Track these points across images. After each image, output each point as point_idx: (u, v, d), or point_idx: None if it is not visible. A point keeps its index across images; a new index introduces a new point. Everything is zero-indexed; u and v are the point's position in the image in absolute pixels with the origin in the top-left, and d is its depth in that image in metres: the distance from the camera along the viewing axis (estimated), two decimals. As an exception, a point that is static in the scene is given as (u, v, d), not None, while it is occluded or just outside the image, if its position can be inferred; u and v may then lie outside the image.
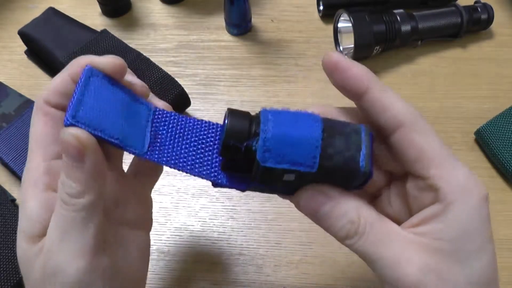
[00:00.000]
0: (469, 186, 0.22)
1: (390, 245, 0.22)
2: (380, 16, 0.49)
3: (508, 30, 0.55)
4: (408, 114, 0.23)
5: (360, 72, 0.24)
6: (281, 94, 0.50)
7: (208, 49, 0.53)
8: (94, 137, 0.22)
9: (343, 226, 0.23)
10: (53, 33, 0.49)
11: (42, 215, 0.23)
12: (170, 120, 0.26)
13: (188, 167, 0.25)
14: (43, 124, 0.25)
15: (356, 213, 0.23)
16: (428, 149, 0.22)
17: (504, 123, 0.45)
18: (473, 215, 0.22)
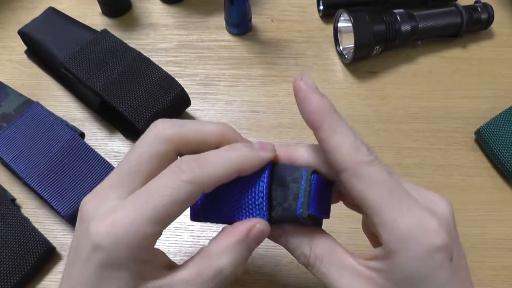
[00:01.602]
0: (414, 235, 0.22)
1: (340, 277, 0.25)
2: (380, 16, 0.49)
3: (508, 30, 0.55)
4: (351, 159, 0.23)
5: (314, 107, 0.25)
6: (281, 94, 0.50)
7: (208, 49, 0.53)
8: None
9: (298, 256, 0.26)
10: (53, 33, 0.49)
11: (142, 271, 0.24)
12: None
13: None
14: (184, 208, 0.24)
15: (308, 247, 0.26)
16: (368, 198, 0.23)
17: (504, 123, 0.45)
18: (418, 265, 0.22)
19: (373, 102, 0.49)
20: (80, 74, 0.45)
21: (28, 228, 0.39)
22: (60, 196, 0.40)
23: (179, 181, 0.23)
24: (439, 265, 0.22)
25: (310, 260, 0.26)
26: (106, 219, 0.23)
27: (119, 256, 0.22)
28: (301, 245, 0.26)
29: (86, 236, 0.23)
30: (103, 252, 0.22)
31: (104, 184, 0.25)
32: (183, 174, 0.23)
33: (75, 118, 0.48)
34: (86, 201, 0.24)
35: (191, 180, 0.23)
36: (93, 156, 0.42)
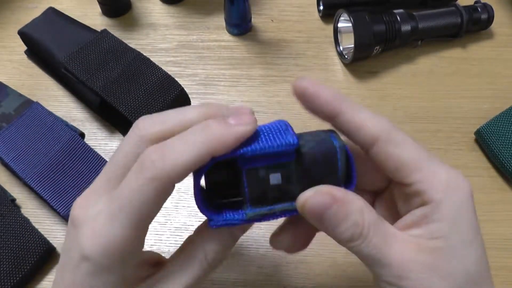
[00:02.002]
0: (453, 183, 0.24)
1: (392, 247, 0.23)
2: (380, 16, 0.49)
3: (508, 30, 0.55)
4: (381, 129, 0.24)
5: (329, 97, 0.25)
6: (281, 94, 0.50)
7: (208, 49, 0.53)
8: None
9: (347, 228, 0.23)
10: (53, 33, 0.49)
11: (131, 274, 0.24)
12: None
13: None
14: (157, 204, 0.23)
15: (360, 215, 0.23)
16: (406, 158, 0.23)
17: (504, 123, 0.45)
18: (461, 210, 0.24)
19: (373, 102, 0.49)
20: (80, 74, 0.45)
21: (28, 228, 0.39)
22: (60, 196, 0.40)
23: (143, 180, 0.22)
24: (473, 212, 0.24)
25: (363, 230, 0.23)
26: (92, 228, 0.23)
27: (105, 264, 0.23)
28: (353, 213, 0.23)
29: (75, 243, 0.23)
30: (90, 262, 0.23)
31: (93, 187, 0.25)
32: (146, 171, 0.22)
33: (75, 118, 0.48)
34: (76, 205, 0.25)
35: (154, 176, 0.21)
36: (93, 156, 0.42)
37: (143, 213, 0.22)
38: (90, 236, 0.23)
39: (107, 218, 0.23)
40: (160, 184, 0.22)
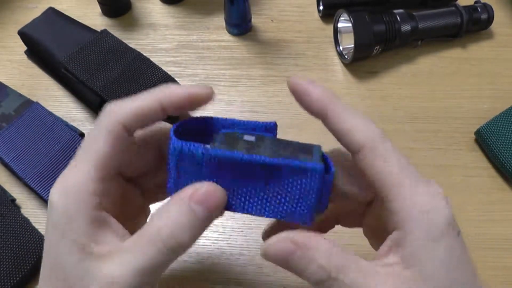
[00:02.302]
0: (430, 206, 0.22)
1: (365, 284, 0.22)
2: (380, 16, 0.49)
3: (508, 30, 0.55)
4: (367, 136, 0.23)
5: (319, 95, 0.25)
6: (281, 94, 0.50)
7: (208, 49, 0.53)
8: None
9: (313, 273, 0.22)
10: (53, 33, 0.49)
11: (90, 229, 0.23)
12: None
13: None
14: (110, 146, 0.24)
15: (326, 259, 0.22)
16: (386, 172, 0.23)
17: (504, 123, 0.45)
18: (437, 235, 0.22)
19: (373, 102, 0.49)
20: (80, 74, 0.45)
21: (28, 228, 0.39)
22: (60, 196, 0.40)
23: (98, 125, 0.24)
24: (453, 232, 0.22)
25: (331, 273, 0.22)
26: (59, 180, 0.24)
27: (69, 209, 0.23)
28: (318, 258, 0.22)
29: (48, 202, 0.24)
30: (55, 207, 0.23)
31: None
32: (101, 118, 0.25)
33: (75, 118, 0.48)
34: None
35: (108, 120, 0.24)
36: (93, 156, 0.42)
37: (107, 154, 0.24)
38: (57, 185, 0.24)
39: (76, 167, 0.24)
40: (116, 125, 0.24)
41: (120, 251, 0.23)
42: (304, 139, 0.28)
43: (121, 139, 0.24)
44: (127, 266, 0.22)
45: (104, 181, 0.24)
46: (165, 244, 0.22)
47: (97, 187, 0.24)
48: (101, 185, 0.24)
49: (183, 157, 0.23)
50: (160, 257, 0.22)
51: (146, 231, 0.23)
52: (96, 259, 0.23)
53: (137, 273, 0.22)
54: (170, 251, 0.22)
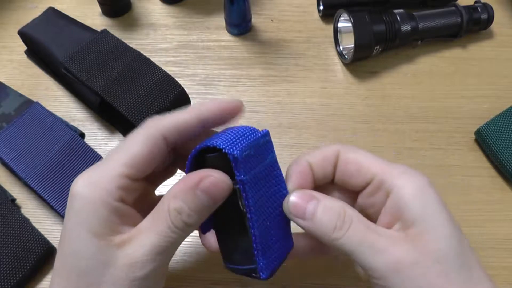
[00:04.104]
0: (409, 172, 0.26)
1: (375, 234, 0.25)
2: (380, 16, 0.49)
3: (508, 30, 0.55)
4: (340, 145, 0.29)
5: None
6: (281, 94, 0.50)
7: (208, 49, 0.53)
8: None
9: (330, 219, 0.25)
10: (53, 33, 0.49)
11: (111, 219, 0.25)
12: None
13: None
14: (146, 151, 0.26)
15: (342, 208, 0.25)
16: (364, 159, 0.27)
17: (504, 123, 0.45)
18: (424, 190, 0.25)
19: (373, 102, 0.49)
20: (80, 74, 0.45)
21: (28, 228, 0.39)
22: (60, 196, 0.40)
23: (146, 130, 0.27)
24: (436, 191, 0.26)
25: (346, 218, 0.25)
26: (85, 174, 0.26)
27: (94, 198, 0.25)
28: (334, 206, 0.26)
29: (69, 195, 0.26)
30: (80, 197, 0.25)
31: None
32: (144, 126, 0.27)
33: (75, 118, 0.48)
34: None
35: (152, 125, 0.27)
36: (93, 156, 0.42)
37: (134, 156, 0.26)
38: (82, 177, 0.26)
39: (99, 162, 0.27)
40: (155, 132, 0.26)
41: (137, 234, 0.25)
42: (304, 138, 0.28)
43: (158, 146, 0.27)
44: (145, 246, 0.25)
45: (131, 180, 0.26)
46: (174, 223, 0.25)
47: (124, 183, 0.26)
48: (127, 182, 0.26)
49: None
50: (172, 235, 0.25)
51: (158, 211, 0.25)
52: (115, 248, 0.25)
53: (154, 251, 0.24)
54: (179, 230, 0.25)
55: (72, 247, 0.25)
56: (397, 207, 0.25)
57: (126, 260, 0.24)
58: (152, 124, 0.27)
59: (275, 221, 0.27)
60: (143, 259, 0.24)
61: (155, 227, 0.25)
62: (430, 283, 0.23)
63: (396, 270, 0.23)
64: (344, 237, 0.24)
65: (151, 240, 0.25)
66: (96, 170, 0.26)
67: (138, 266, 0.24)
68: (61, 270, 0.25)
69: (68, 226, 0.25)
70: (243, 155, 0.24)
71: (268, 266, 0.26)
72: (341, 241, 0.25)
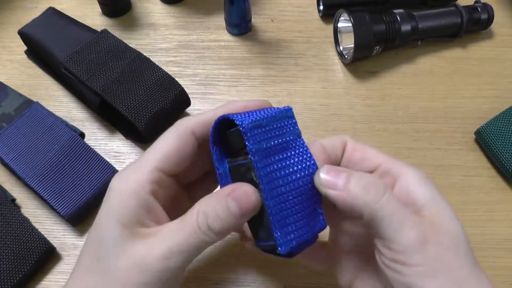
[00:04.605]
0: (408, 164, 0.28)
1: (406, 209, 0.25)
2: (380, 16, 0.49)
3: (508, 30, 0.55)
4: (348, 136, 0.30)
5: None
6: (281, 94, 0.50)
7: (208, 49, 0.53)
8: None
9: (366, 186, 0.25)
10: (53, 33, 0.49)
11: (140, 211, 0.26)
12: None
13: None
14: (177, 144, 0.28)
15: (375, 178, 0.26)
16: (370, 150, 0.29)
17: (504, 123, 0.45)
18: (425, 178, 0.27)
19: (373, 102, 0.49)
20: (80, 74, 0.45)
21: (28, 228, 0.39)
22: (60, 196, 0.40)
23: (177, 127, 0.29)
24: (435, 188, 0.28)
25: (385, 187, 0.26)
26: (122, 171, 0.28)
27: (125, 190, 0.26)
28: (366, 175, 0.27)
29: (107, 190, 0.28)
30: (113, 190, 0.27)
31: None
32: (176, 123, 0.29)
33: (75, 118, 0.48)
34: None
35: (178, 126, 0.29)
36: (93, 156, 0.42)
37: (168, 157, 0.27)
38: (120, 175, 0.28)
39: (136, 160, 0.29)
40: (182, 130, 0.28)
41: (156, 234, 0.26)
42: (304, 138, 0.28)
43: (187, 141, 0.28)
44: (162, 244, 0.25)
45: (163, 174, 0.28)
46: (200, 226, 0.25)
47: (155, 176, 0.27)
48: (159, 176, 0.27)
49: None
50: (194, 237, 0.25)
51: (187, 214, 0.26)
52: (134, 239, 0.25)
53: (171, 251, 0.25)
54: (201, 233, 0.25)
55: (98, 234, 0.26)
56: (406, 192, 0.27)
57: (143, 251, 0.25)
58: (180, 122, 0.29)
59: (300, 198, 0.26)
60: (159, 255, 0.25)
61: (179, 227, 0.26)
62: (448, 261, 0.24)
63: (421, 245, 0.24)
64: (381, 201, 0.25)
65: (172, 238, 0.25)
66: (131, 166, 0.28)
67: (151, 260, 0.25)
68: (85, 255, 0.27)
69: (100, 216, 0.27)
70: (250, 126, 0.25)
71: (286, 241, 0.25)
72: (377, 206, 0.24)
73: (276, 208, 0.25)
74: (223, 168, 0.28)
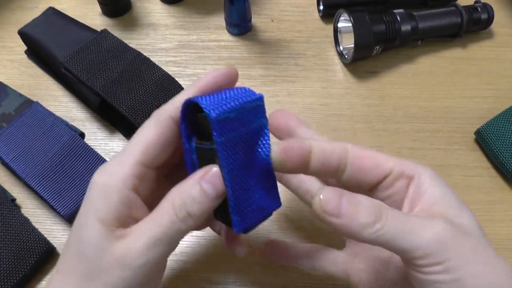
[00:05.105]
0: (419, 164, 0.28)
1: (413, 218, 0.25)
2: (380, 16, 0.49)
3: (508, 30, 0.55)
4: (347, 143, 0.28)
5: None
6: (281, 94, 0.50)
7: (208, 49, 0.53)
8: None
9: (368, 213, 0.24)
10: (53, 33, 0.49)
11: (120, 209, 0.26)
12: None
13: None
14: (157, 134, 0.27)
15: (372, 200, 0.25)
16: (378, 155, 0.27)
17: (504, 123, 0.45)
18: (438, 177, 0.27)
19: (373, 102, 0.49)
20: (80, 74, 0.45)
21: (28, 228, 0.39)
22: (60, 196, 0.40)
23: (156, 116, 0.28)
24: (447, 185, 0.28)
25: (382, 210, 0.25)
26: (104, 164, 0.27)
27: (107, 185, 0.26)
28: (365, 200, 0.25)
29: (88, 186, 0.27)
30: (95, 185, 0.26)
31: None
32: (154, 113, 0.28)
33: (75, 118, 0.48)
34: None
35: (158, 112, 0.28)
36: (93, 156, 0.42)
37: (147, 142, 0.27)
38: (101, 168, 0.27)
39: (118, 153, 0.28)
40: (162, 118, 0.27)
41: (136, 227, 0.26)
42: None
43: (168, 129, 0.27)
44: (143, 236, 0.25)
45: (145, 167, 0.27)
46: (177, 214, 0.25)
47: (137, 170, 0.27)
48: (141, 170, 0.27)
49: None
50: (172, 226, 0.25)
51: (162, 204, 0.26)
52: (115, 238, 0.25)
53: (150, 243, 0.25)
54: (180, 221, 0.25)
55: (78, 232, 0.26)
56: (418, 192, 0.26)
57: (120, 251, 0.25)
58: (159, 111, 0.28)
59: (258, 183, 0.27)
60: (139, 249, 0.25)
61: (157, 218, 0.26)
62: (470, 252, 0.24)
63: (439, 242, 0.24)
64: (386, 226, 0.24)
65: (150, 231, 0.25)
66: (114, 160, 0.27)
67: (132, 256, 0.25)
68: (66, 253, 0.27)
69: (81, 212, 0.26)
70: (220, 118, 0.25)
71: (241, 222, 0.27)
72: (382, 231, 0.24)
73: (235, 194, 0.26)
74: (189, 146, 0.28)
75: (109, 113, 0.47)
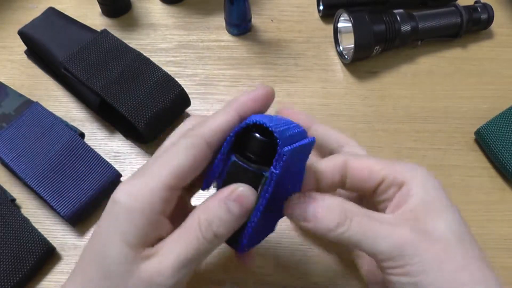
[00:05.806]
0: (412, 166, 0.28)
1: (377, 222, 0.26)
2: (380, 16, 0.49)
3: (508, 30, 0.55)
4: (345, 156, 0.29)
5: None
6: (281, 94, 0.50)
7: (208, 49, 0.53)
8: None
9: (332, 217, 0.26)
10: (53, 33, 0.49)
11: (147, 232, 0.25)
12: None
13: None
14: (191, 159, 0.26)
15: (340, 204, 0.26)
16: (373, 163, 0.29)
17: (504, 123, 0.45)
18: (427, 179, 0.28)
19: (373, 102, 0.49)
20: (80, 74, 0.45)
21: (28, 229, 0.39)
22: (60, 196, 0.40)
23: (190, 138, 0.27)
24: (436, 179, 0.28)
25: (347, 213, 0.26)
26: (128, 182, 0.26)
27: (134, 209, 0.25)
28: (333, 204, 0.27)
29: (110, 200, 0.26)
30: (121, 204, 0.25)
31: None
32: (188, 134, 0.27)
33: (75, 118, 0.48)
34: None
35: (193, 134, 0.27)
36: (93, 156, 0.42)
37: (180, 167, 0.26)
38: (124, 186, 0.26)
39: (142, 169, 0.27)
40: (197, 143, 0.26)
41: (163, 247, 0.25)
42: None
43: (202, 154, 0.26)
44: (170, 258, 0.25)
45: (173, 190, 0.26)
46: (204, 235, 0.25)
47: (166, 195, 0.26)
48: (170, 193, 0.26)
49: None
50: (199, 247, 0.25)
51: (188, 223, 0.26)
52: (141, 259, 0.25)
53: (177, 264, 0.25)
54: (207, 242, 0.25)
55: (103, 250, 0.25)
56: (405, 197, 0.27)
57: (149, 272, 0.25)
58: (193, 132, 0.27)
59: (272, 214, 0.28)
60: (169, 271, 0.25)
61: (184, 238, 0.25)
62: (433, 258, 0.25)
63: (400, 249, 0.25)
64: (349, 230, 0.26)
65: (177, 252, 0.25)
66: (140, 179, 0.26)
67: (162, 278, 0.25)
68: (87, 268, 0.26)
69: (103, 229, 0.26)
70: (287, 154, 0.24)
71: (247, 246, 0.27)
72: (346, 235, 0.26)
73: (258, 223, 0.26)
74: (223, 157, 0.27)
75: (109, 113, 0.47)
